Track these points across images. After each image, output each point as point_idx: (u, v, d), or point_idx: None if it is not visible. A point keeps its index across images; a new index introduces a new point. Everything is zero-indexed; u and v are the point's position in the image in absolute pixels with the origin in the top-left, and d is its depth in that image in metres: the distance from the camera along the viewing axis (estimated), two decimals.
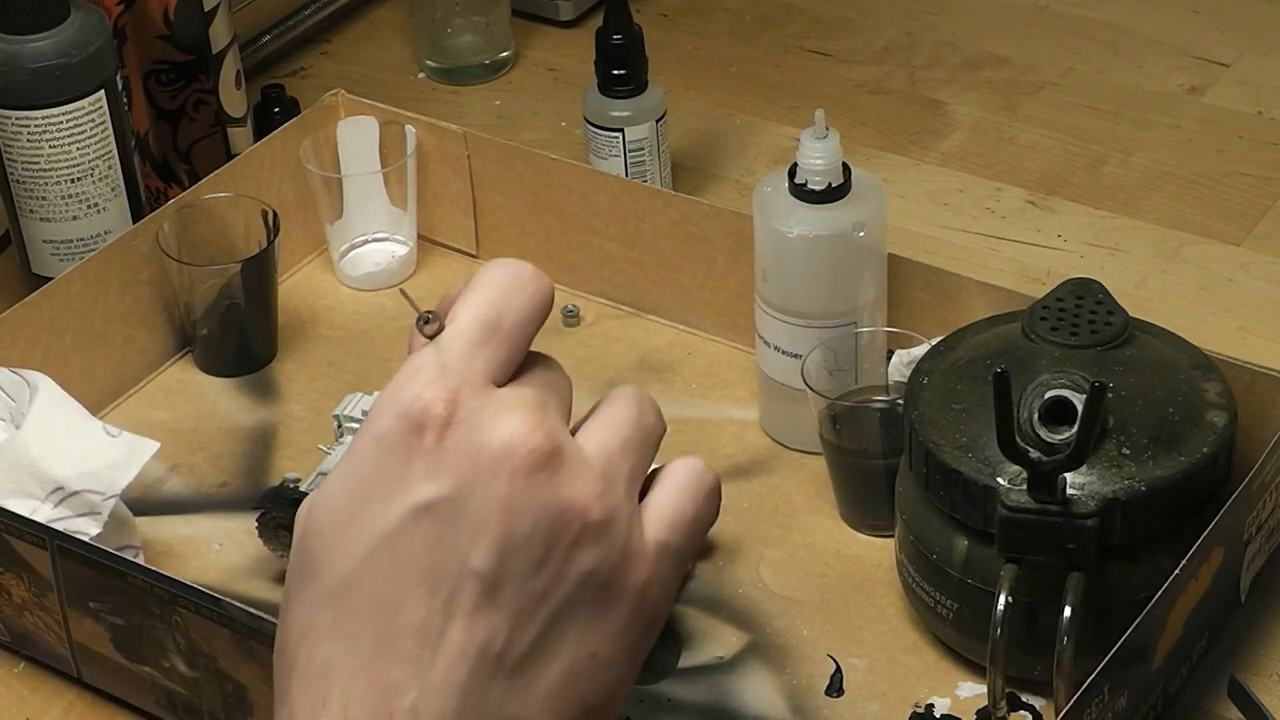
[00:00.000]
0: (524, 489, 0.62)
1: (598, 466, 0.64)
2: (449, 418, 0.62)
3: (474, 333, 0.64)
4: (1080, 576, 1.01)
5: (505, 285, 0.65)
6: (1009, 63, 1.60)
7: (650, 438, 0.66)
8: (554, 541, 0.62)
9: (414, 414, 0.62)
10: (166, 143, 1.44)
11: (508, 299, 0.65)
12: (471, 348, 0.63)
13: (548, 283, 0.66)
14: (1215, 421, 1.05)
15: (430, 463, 0.62)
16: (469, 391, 0.62)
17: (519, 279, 0.65)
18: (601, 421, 0.66)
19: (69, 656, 1.10)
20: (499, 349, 0.64)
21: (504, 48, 1.62)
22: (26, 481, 1.10)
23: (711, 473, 0.66)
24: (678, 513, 0.65)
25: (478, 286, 0.65)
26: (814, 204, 1.18)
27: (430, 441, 0.62)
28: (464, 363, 0.63)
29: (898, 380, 1.17)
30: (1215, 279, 1.36)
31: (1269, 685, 1.08)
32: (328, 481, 0.64)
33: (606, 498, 0.63)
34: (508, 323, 0.64)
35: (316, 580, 0.63)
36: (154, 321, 1.33)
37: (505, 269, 0.65)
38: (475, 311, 0.64)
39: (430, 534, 0.62)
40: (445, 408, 0.62)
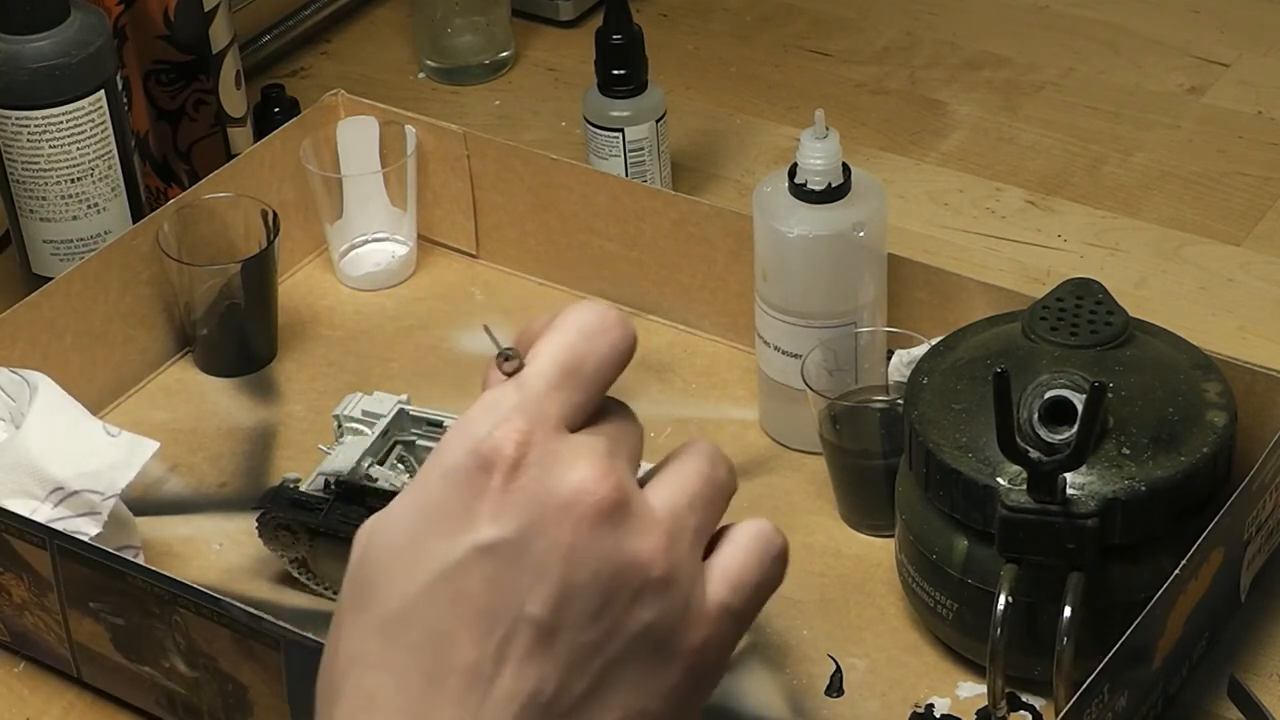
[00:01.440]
0: (588, 538, 0.61)
1: (664, 521, 0.63)
2: (519, 459, 0.61)
3: (553, 375, 0.63)
4: (1080, 576, 1.01)
5: (589, 329, 0.64)
6: (1009, 63, 1.60)
7: (721, 494, 0.65)
8: (613, 594, 0.61)
9: (485, 452, 0.61)
10: (166, 143, 1.44)
11: (590, 343, 0.64)
12: (549, 390, 0.63)
13: (632, 330, 0.65)
14: (1215, 421, 1.05)
15: (496, 503, 0.61)
16: (542, 434, 0.62)
17: (603, 323, 0.65)
18: (672, 475, 0.64)
19: (69, 656, 1.10)
20: (576, 394, 0.63)
21: (504, 48, 1.62)
22: (26, 481, 1.10)
23: (781, 536, 0.65)
24: (743, 575, 0.64)
25: (561, 328, 0.64)
26: (814, 204, 1.18)
27: (498, 481, 0.61)
28: (540, 405, 0.62)
29: (898, 380, 1.17)
30: (1215, 279, 1.36)
31: (1269, 685, 1.08)
32: (392, 508, 0.63)
33: (670, 554, 0.62)
34: (588, 368, 0.64)
35: (370, 609, 0.62)
36: (154, 321, 1.33)
37: (590, 312, 0.65)
38: (556, 353, 0.64)
39: (490, 575, 0.61)
40: (516, 449, 0.61)
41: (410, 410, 1.20)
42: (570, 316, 0.65)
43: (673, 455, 0.66)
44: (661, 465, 0.65)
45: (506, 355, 0.64)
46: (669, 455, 0.65)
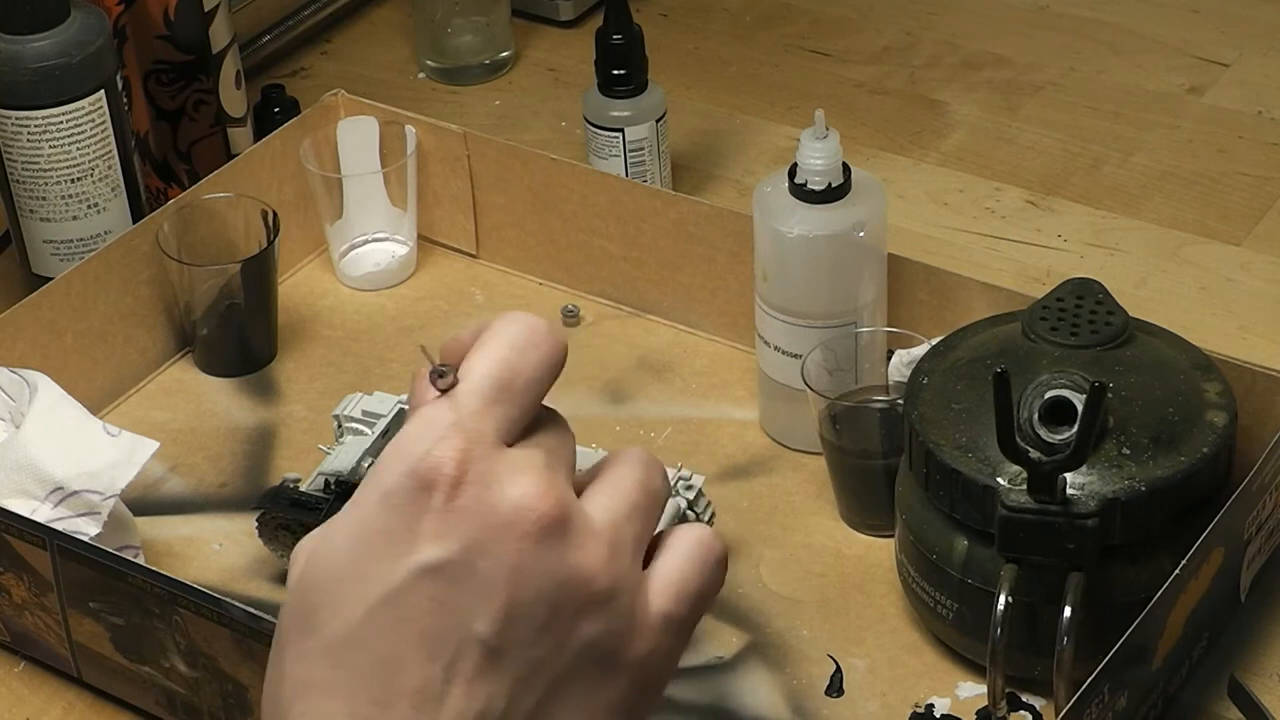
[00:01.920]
0: (532, 555, 0.61)
1: (605, 534, 0.62)
2: (459, 477, 0.61)
3: (488, 390, 0.63)
4: (1080, 576, 1.01)
5: (519, 342, 0.64)
6: (1009, 63, 1.60)
7: (656, 502, 0.65)
8: (558, 610, 0.61)
9: (424, 471, 0.61)
10: (166, 143, 1.44)
11: (522, 356, 0.64)
12: (485, 405, 0.62)
13: (562, 340, 0.65)
14: (1215, 421, 1.05)
15: (438, 523, 0.61)
16: (480, 451, 0.61)
17: (533, 336, 0.64)
18: (608, 485, 0.64)
19: (69, 656, 1.10)
20: (512, 408, 0.63)
21: (504, 48, 1.62)
22: (26, 482, 1.10)
23: (720, 542, 0.65)
24: (683, 583, 0.64)
25: (491, 342, 0.64)
26: (814, 204, 1.18)
27: (439, 501, 0.61)
28: (476, 421, 0.62)
29: (898, 380, 1.17)
30: (1215, 279, 1.36)
31: (1269, 685, 1.08)
32: (330, 532, 0.63)
33: (612, 566, 0.62)
34: (521, 381, 0.63)
35: (315, 634, 0.62)
36: (154, 321, 1.33)
37: (520, 325, 0.64)
38: (489, 368, 0.63)
39: (435, 596, 0.61)
40: (456, 467, 0.61)
41: None
42: (500, 329, 0.65)
43: (607, 463, 0.65)
44: (597, 475, 0.65)
45: (441, 372, 0.63)
46: (602, 462, 0.65)
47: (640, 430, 1.26)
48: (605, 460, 0.66)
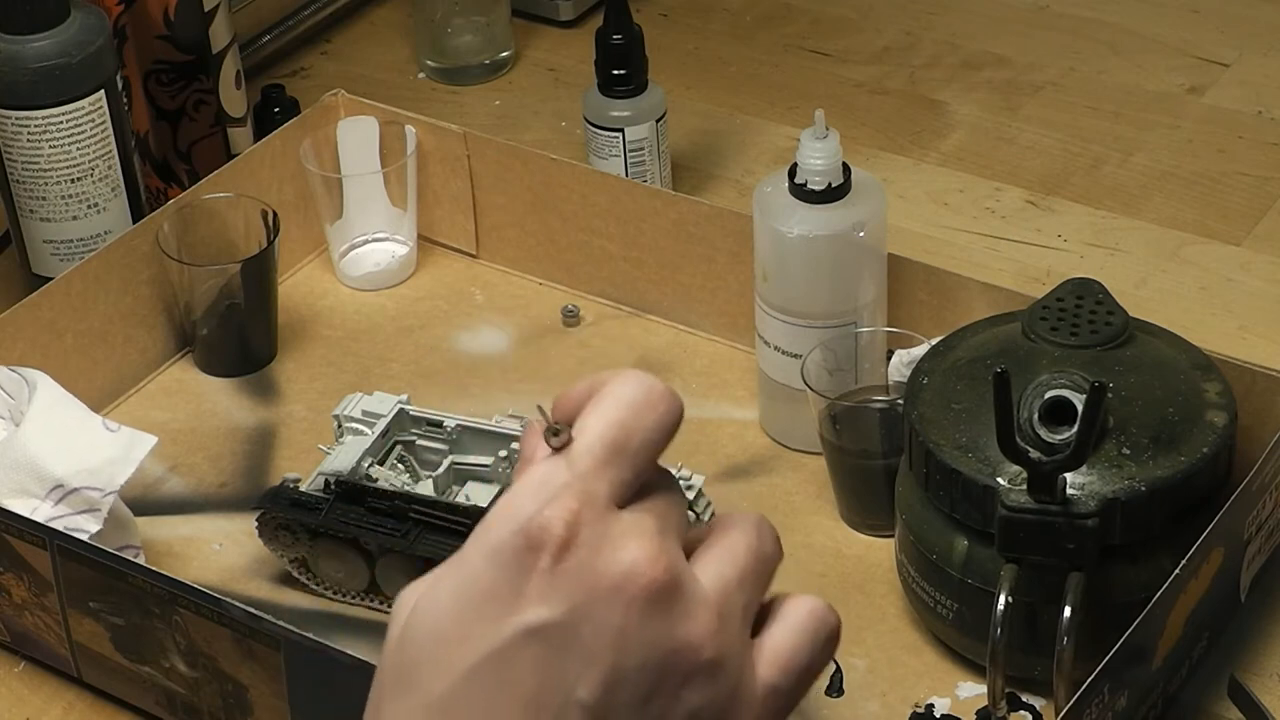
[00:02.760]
0: (638, 622, 0.60)
1: (714, 603, 0.61)
2: (569, 539, 0.60)
3: (601, 452, 0.62)
4: (1080, 576, 1.01)
5: (636, 403, 0.63)
6: (1009, 63, 1.60)
7: (768, 569, 0.64)
8: (663, 679, 0.60)
9: (533, 531, 0.60)
10: (166, 143, 1.44)
11: (638, 418, 0.62)
12: (598, 467, 0.61)
13: (679, 403, 0.63)
14: (1215, 421, 1.05)
15: (545, 585, 0.60)
16: (591, 514, 0.60)
17: (650, 397, 0.63)
18: (720, 551, 0.63)
19: (69, 656, 1.10)
20: (625, 471, 0.62)
21: (504, 48, 1.62)
22: (26, 480, 1.10)
23: (834, 615, 0.64)
24: (793, 657, 0.63)
25: (607, 401, 0.63)
26: (814, 204, 1.18)
27: (546, 562, 0.60)
28: (589, 483, 0.61)
29: (898, 380, 1.17)
30: (1215, 279, 1.36)
31: (1269, 685, 1.08)
32: (435, 586, 0.62)
33: (720, 636, 0.61)
34: (635, 443, 0.62)
35: (415, 692, 0.61)
36: (154, 321, 1.33)
37: (637, 385, 0.63)
38: (604, 430, 0.62)
39: (538, 658, 0.60)
40: (566, 529, 0.60)
41: (410, 410, 1.20)
42: (616, 388, 0.63)
43: (718, 525, 0.64)
44: (708, 535, 0.64)
45: (556, 430, 0.62)
46: (714, 524, 0.64)
47: None
48: (717, 522, 0.64)
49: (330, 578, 1.15)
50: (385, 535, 1.12)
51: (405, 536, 1.12)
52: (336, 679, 0.98)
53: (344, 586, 1.15)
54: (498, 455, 1.16)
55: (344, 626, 1.14)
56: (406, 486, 1.15)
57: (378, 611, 1.15)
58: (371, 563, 1.14)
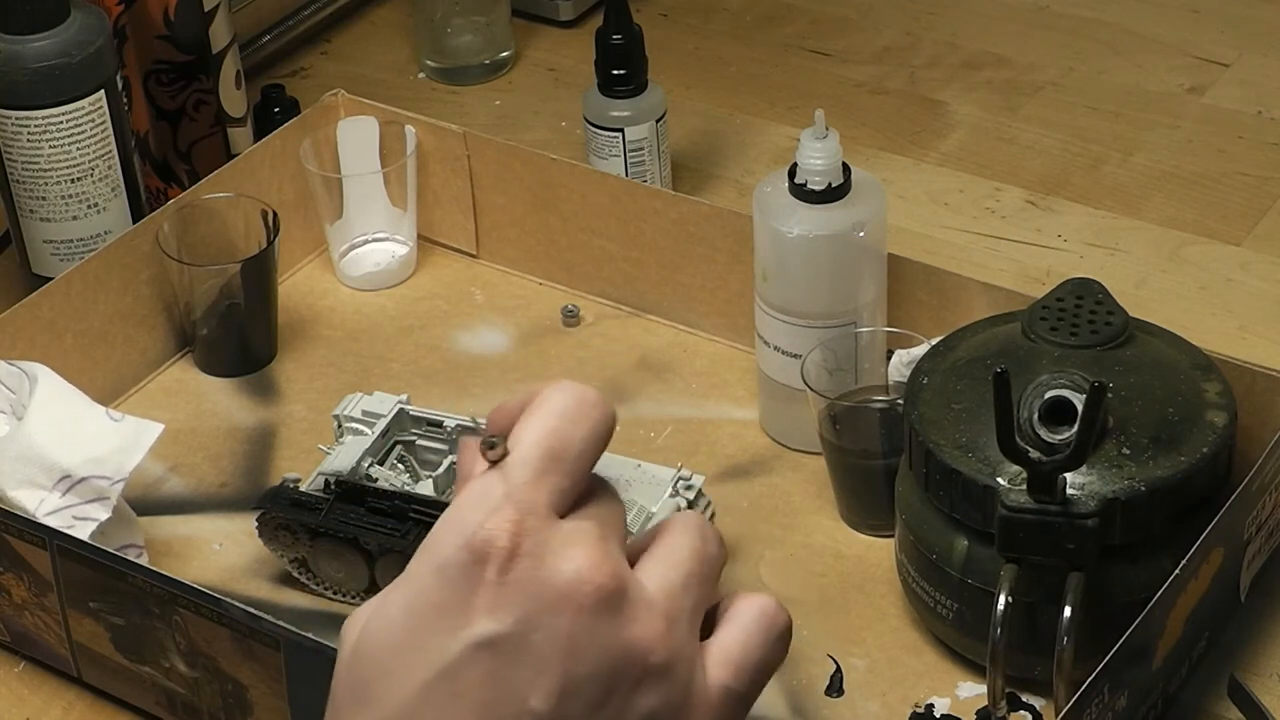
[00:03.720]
0: (587, 629, 0.60)
1: (661, 605, 0.62)
2: (513, 550, 0.60)
3: (538, 461, 0.62)
4: (1080, 576, 1.01)
5: (569, 412, 0.63)
6: (1009, 63, 1.60)
7: (713, 571, 0.64)
8: (615, 684, 0.60)
9: (478, 544, 0.60)
10: (166, 143, 1.44)
11: (573, 427, 0.63)
12: (536, 477, 0.62)
13: (611, 410, 0.64)
14: (1215, 421, 1.05)
15: (493, 597, 0.60)
16: (533, 523, 0.61)
17: (582, 405, 0.63)
18: (663, 554, 0.63)
19: (69, 656, 1.10)
20: (563, 479, 0.62)
21: (504, 48, 1.62)
22: (33, 472, 1.10)
23: (784, 613, 0.64)
24: (744, 656, 0.63)
25: (541, 410, 0.63)
26: (814, 204, 1.18)
27: (493, 574, 0.60)
28: (528, 492, 0.61)
29: (898, 380, 1.17)
30: (1215, 279, 1.36)
31: (1269, 685, 1.08)
32: (384, 604, 0.62)
33: (669, 638, 0.61)
34: (572, 451, 0.63)
35: (369, 708, 0.62)
36: (154, 321, 1.33)
37: (569, 393, 0.64)
38: (539, 439, 0.63)
39: (490, 670, 0.60)
40: (510, 539, 0.60)
41: (410, 410, 1.20)
42: (549, 397, 0.64)
43: (660, 530, 0.64)
44: (651, 542, 0.64)
45: (492, 443, 0.63)
46: (656, 529, 0.64)
47: (640, 430, 1.26)
48: (659, 527, 0.65)
49: (330, 578, 1.15)
50: (385, 535, 1.12)
51: (405, 536, 1.12)
52: None
53: (344, 586, 1.15)
54: None
55: None
56: (406, 486, 1.15)
57: None
58: (371, 563, 1.14)
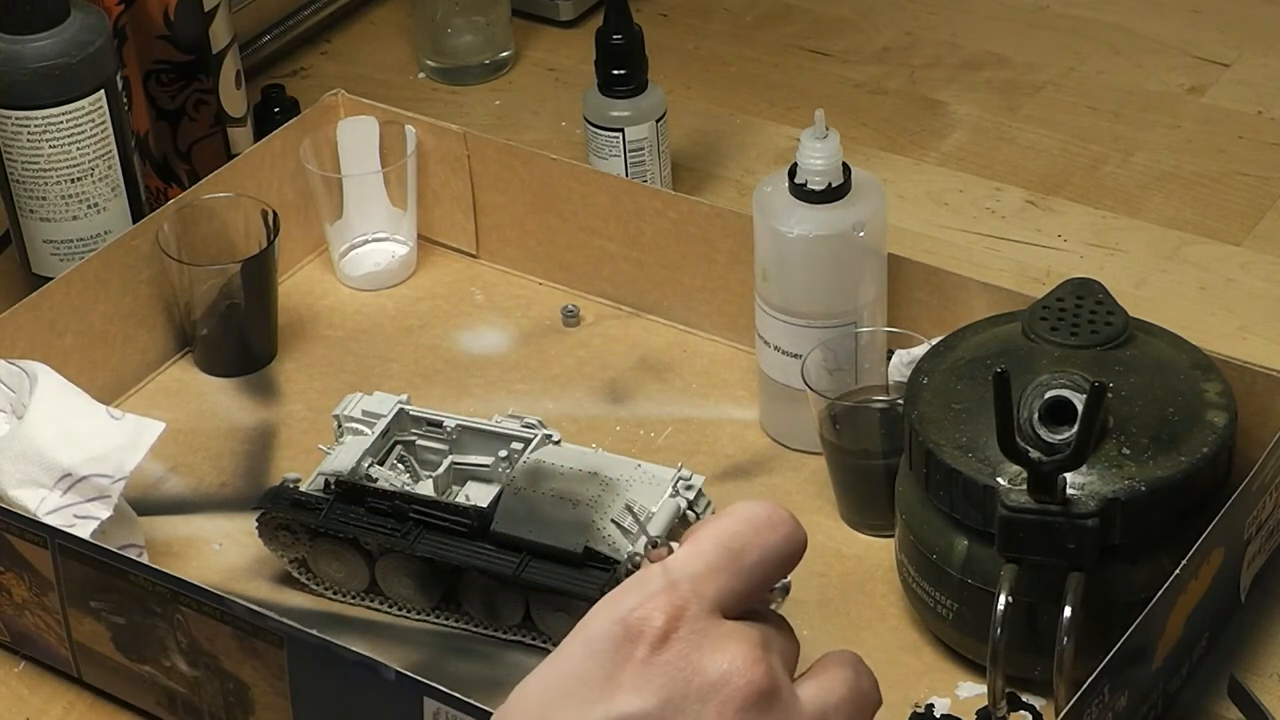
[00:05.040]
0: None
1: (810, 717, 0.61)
2: (667, 632, 0.59)
3: (712, 556, 0.61)
4: (1080, 576, 1.01)
5: (757, 521, 0.62)
6: (1009, 63, 1.60)
7: (865, 706, 0.63)
8: None
9: (632, 622, 0.59)
10: (166, 143, 1.44)
11: (756, 534, 0.62)
12: (707, 570, 0.60)
13: (803, 533, 0.63)
14: (1215, 421, 1.05)
15: (640, 674, 0.59)
16: (695, 610, 0.59)
17: (773, 519, 0.62)
18: (820, 678, 0.62)
19: (69, 656, 1.10)
20: (735, 580, 0.61)
21: (504, 48, 1.62)
22: (34, 471, 1.10)
23: None
24: None
25: (728, 516, 0.62)
26: (814, 204, 1.18)
27: (643, 652, 0.59)
28: (695, 583, 0.60)
29: (898, 380, 1.17)
30: (1215, 279, 1.36)
31: (1269, 685, 1.08)
32: (533, 674, 0.61)
33: None
34: (750, 557, 0.61)
35: None
36: (154, 321, 1.33)
37: (762, 507, 0.63)
38: (719, 536, 0.61)
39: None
40: (666, 621, 0.59)
41: (410, 410, 1.20)
42: (740, 506, 0.63)
43: (821, 661, 0.63)
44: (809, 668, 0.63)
45: (655, 542, 0.62)
46: (817, 662, 0.63)
47: (640, 430, 1.26)
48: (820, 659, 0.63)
49: (330, 578, 1.15)
50: (385, 535, 1.12)
51: (405, 536, 1.12)
52: (340, 676, 0.98)
53: (344, 586, 1.15)
54: (498, 455, 1.16)
55: (344, 626, 1.14)
56: (406, 486, 1.15)
57: (378, 611, 1.15)
58: (371, 563, 1.14)
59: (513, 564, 1.10)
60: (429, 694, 0.95)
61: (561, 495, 1.11)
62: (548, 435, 1.17)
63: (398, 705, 0.96)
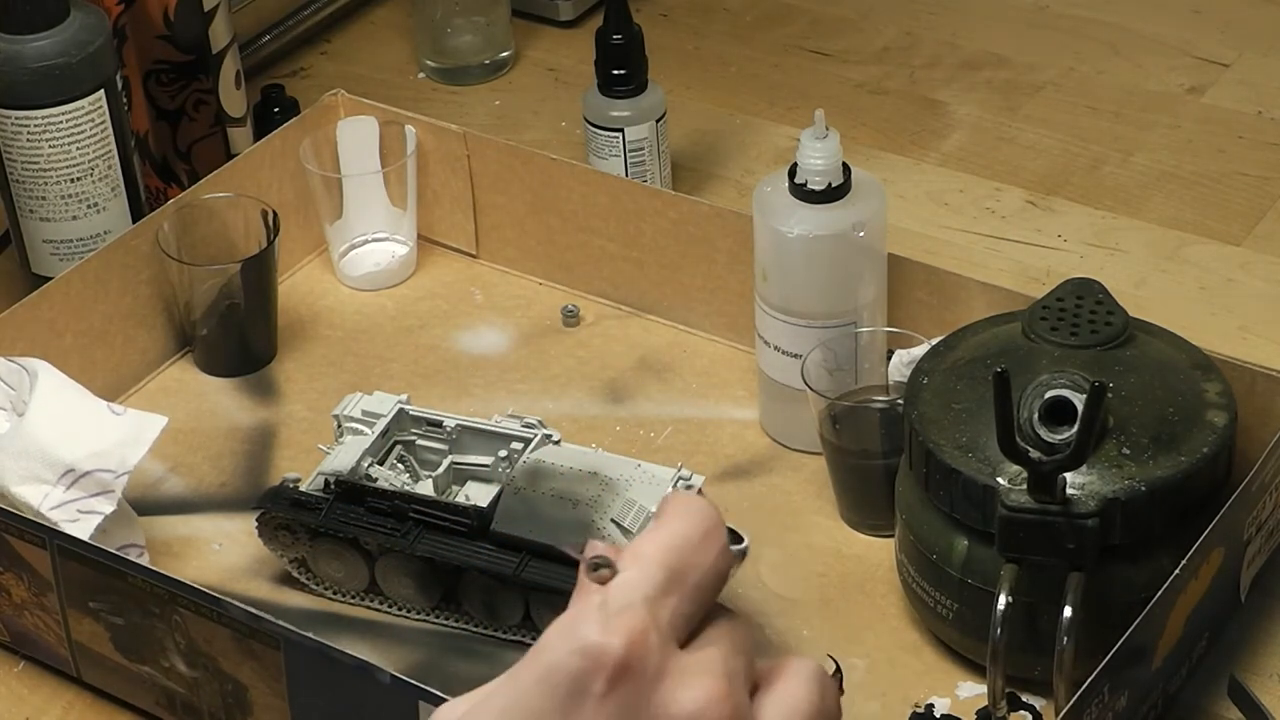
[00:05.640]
0: None
1: None
2: (627, 664, 0.56)
3: (660, 578, 0.58)
4: (1080, 576, 1.01)
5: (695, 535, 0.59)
6: (1009, 63, 1.60)
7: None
8: None
9: (591, 652, 0.56)
10: (166, 143, 1.44)
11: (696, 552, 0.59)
12: (658, 594, 0.58)
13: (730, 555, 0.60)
14: (1215, 421, 1.05)
15: (600, 712, 0.56)
16: (654, 641, 0.57)
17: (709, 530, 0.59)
18: (782, 699, 0.60)
19: (69, 656, 1.10)
20: (684, 603, 0.58)
21: (504, 48, 1.62)
22: (37, 467, 1.10)
23: None
24: None
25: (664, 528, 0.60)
26: (814, 204, 1.18)
27: (602, 686, 0.56)
28: (650, 607, 0.57)
29: (898, 380, 1.17)
30: (1215, 279, 1.36)
31: (1269, 685, 1.08)
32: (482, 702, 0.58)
33: None
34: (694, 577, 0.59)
35: None
36: (154, 321, 1.33)
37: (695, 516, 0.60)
38: (663, 557, 0.59)
39: None
40: (626, 650, 0.56)
41: (410, 410, 1.20)
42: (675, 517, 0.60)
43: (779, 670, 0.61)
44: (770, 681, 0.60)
45: (597, 564, 0.59)
46: (774, 667, 0.61)
47: (640, 430, 1.26)
48: (778, 666, 0.61)
49: (330, 578, 1.15)
50: (385, 535, 1.12)
51: (405, 536, 1.12)
52: (337, 679, 0.98)
53: (344, 586, 1.15)
54: (498, 455, 1.16)
55: (344, 626, 1.14)
56: (406, 486, 1.15)
57: (377, 611, 1.15)
58: (371, 563, 1.14)
59: (512, 564, 1.10)
60: (424, 697, 0.95)
61: (561, 495, 1.11)
62: (548, 435, 1.17)
63: (394, 708, 0.96)
